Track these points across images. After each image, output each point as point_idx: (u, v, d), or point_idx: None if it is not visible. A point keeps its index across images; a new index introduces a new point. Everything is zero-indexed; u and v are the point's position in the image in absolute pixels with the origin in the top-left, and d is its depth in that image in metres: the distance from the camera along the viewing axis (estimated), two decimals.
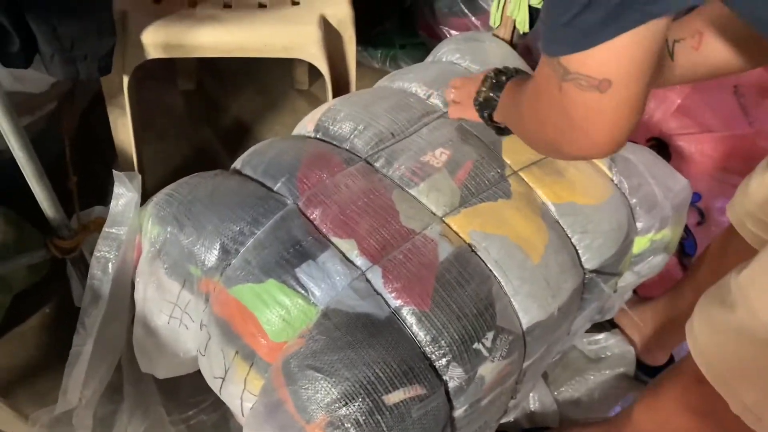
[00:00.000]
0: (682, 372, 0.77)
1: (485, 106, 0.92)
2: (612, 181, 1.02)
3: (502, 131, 0.96)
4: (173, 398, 1.13)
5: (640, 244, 1.04)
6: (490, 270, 0.86)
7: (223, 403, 1.13)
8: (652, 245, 1.05)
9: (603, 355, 1.27)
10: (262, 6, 1.25)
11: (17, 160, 0.88)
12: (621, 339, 1.26)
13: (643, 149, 1.10)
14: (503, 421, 1.10)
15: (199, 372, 0.99)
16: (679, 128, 1.68)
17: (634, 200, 1.02)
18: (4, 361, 1.19)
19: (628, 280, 1.10)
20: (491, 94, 0.90)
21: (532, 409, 1.19)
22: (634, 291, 1.28)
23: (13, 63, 0.92)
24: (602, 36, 0.52)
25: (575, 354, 1.28)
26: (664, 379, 0.85)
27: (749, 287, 0.67)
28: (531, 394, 1.18)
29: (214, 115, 1.70)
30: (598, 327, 1.28)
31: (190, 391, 1.15)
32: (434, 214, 0.90)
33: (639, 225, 1.02)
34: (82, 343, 0.91)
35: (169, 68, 1.71)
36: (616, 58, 0.53)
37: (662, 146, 1.66)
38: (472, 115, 0.95)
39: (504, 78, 0.90)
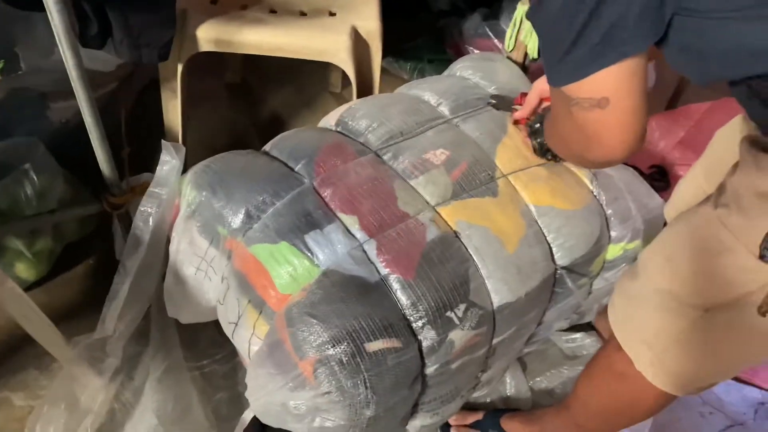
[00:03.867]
0: (609, 343, 0.91)
1: (538, 134, 1.10)
2: (591, 192, 1.16)
3: (556, 158, 1.12)
4: (192, 347, 1.29)
5: (613, 251, 1.17)
6: (470, 254, 1.00)
7: (234, 357, 1.30)
8: (624, 253, 1.17)
9: (579, 353, 1.39)
10: (303, 14, 1.42)
11: (86, 125, 1.05)
12: (596, 339, 1.38)
13: (626, 169, 1.23)
14: (476, 395, 1.23)
15: (215, 327, 1.14)
16: (681, 159, 1.78)
17: (610, 211, 1.15)
18: (52, 300, 1.36)
19: (602, 284, 1.22)
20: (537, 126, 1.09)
21: (508, 394, 1.31)
22: None
23: (91, 44, 1.10)
24: (590, 69, 0.66)
25: (554, 350, 1.40)
26: (597, 352, 0.98)
27: (648, 258, 0.82)
28: (507, 381, 1.31)
29: (253, 108, 1.87)
30: (577, 329, 1.40)
31: (206, 343, 1.31)
32: (428, 203, 1.04)
33: (613, 234, 1.15)
34: (121, 282, 1.08)
35: (218, 63, 1.89)
36: (607, 80, 0.66)
37: (663, 173, 1.77)
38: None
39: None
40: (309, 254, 0.97)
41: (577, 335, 1.39)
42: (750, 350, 0.80)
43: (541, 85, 1.10)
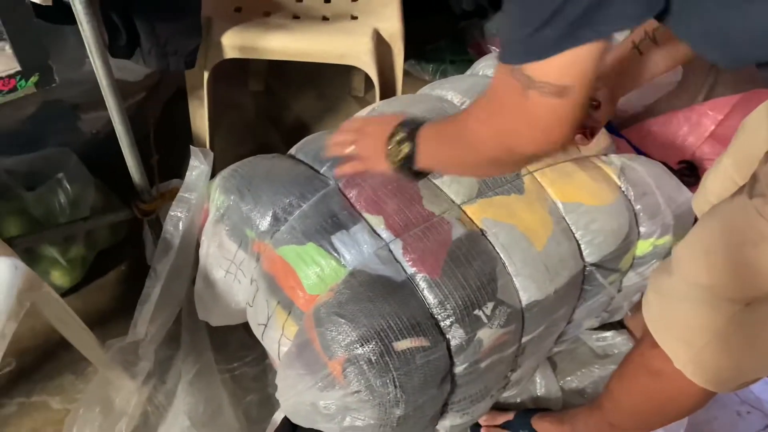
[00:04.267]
0: (643, 340, 0.89)
1: (408, 160, 0.88)
2: (619, 187, 1.14)
3: (418, 176, 0.92)
4: (222, 350, 1.31)
5: (642, 247, 1.15)
6: (497, 252, 1.00)
7: (264, 359, 1.31)
8: (654, 249, 1.16)
9: (609, 352, 1.37)
10: (325, 18, 1.43)
11: (117, 134, 1.08)
12: (627, 338, 1.36)
13: (653, 163, 1.22)
14: (506, 395, 1.22)
15: (245, 330, 1.16)
16: (712, 153, 1.75)
17: (639, 206, 1.13)
18: (86, 306, 1.39)
19: (633, 280, 1.20)
20: (408, 150, 0.88)
21: (538, 394, 1.30)
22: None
23: (120, 54, 1.13)
24: (560, 48, 0.61)
25: (584, 349, 1.39)
26: (631, 350, 0.97)
27: (682, 253, 0.80)
28: (537, 380, 1.30)
29: (277, 114, 1.89)
30: (607, 327, 1.38)
31: (236, 346, 1.33)
32: (453, 201, 1.04)
33: (642, 229, 1.14)
34: (152, 285, 1.10)
35: (242, 71, 1.91)
36: (572, 68, 0.62)
37: (692, 168, 1.74)
38: (381, 167, 0.92)
39: (409, 129, 0.88)
40: (336, 255, 0.97)
41: (608, 334, 1.37)
42: None
43: None
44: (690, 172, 1.71)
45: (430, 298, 0.94)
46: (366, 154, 0.96)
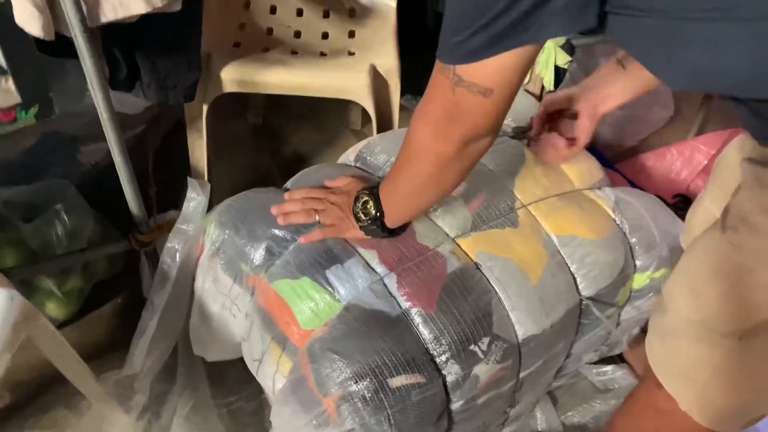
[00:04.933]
0: (648, 378, 0.87)
1: (376, 221, 0.96)
2: (614, 221, 1.15)
3: (392, 233, 1.00)
4: (218, 385, 1.30)
5: (639, 280, 1.15)
6: (492, 285, 1.00)
7: (261, 394, 1.30)
8: (651, 282, 1.15)
9: (611, 386, 1.36)
10: (323, 54, 1.45)
11: (116, 165, 1.09)
12: (628, 372, 1.35)
13: (648, 196, 1.22)
14: (506, 431, 1.20)
15: (241, 365, 1.15)
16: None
17: (634, 239, 1.13)
18: (82, 339, 1.38)
19: (630, 314, 1.20)
20: (374, 210, 0.96)
21: (539, 429, 1.29)
22: (644, 330, 1.38)
23: (120, 87, 1.14)
24: (487, 54, 0.68)
25: (584, 383, 1.37)
26: (636, 387, 0.96)
27: (671, 290, 0.80)
28: (538, 415, 1.28)
29: (276, 147, 1.91)
30: (607, 361, 1.37)
31: (233, 380, 1.32)
32: (447, 235, 1.04)
33: (638, 263, 1.14)
34: (149, 318, 1.09)
35: (241, 105, 1.94)
36: (496, 73, 0.70)
37: (687, 202, 1.74)
38: (351, 233, 1.00)
39: (369, 190, 0.97)
40: (330, 289, 0.97)
41: (608, 368, 1.36)
42: None
43: (549, 97, 1.12)
44: (685, 206, 1.69)
45: (425, 333, 0.93)
46: (335, 221, 1.02)
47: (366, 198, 0.97)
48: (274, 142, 1.92)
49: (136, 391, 1.14)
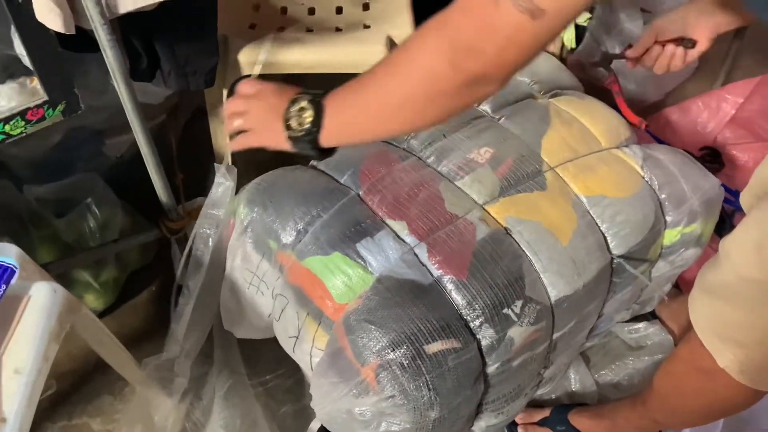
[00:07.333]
0: (691, 338, 0.85)
1: (309, 134, 0.78)
2: (643, 178, 1.13)
3: (322, 154, 0.82)
4: (254, 365, 1.32)
5: (670, 236, 1.14)
6: (523, 250, 1.00)
7: (296, 372, 1.32)
8: (682, 238, 1.14)
9: (643, 344, 1.35)
10: (338, 29, 1.44)
11: (143, 155, 1.10)
12: (660, 328, 1.34)
13: (675, 151, 1.21)
14: (541, 392, 1.22)
15: (274, 345, 1.17)
16: (734, 138, 1.72)
17: (663, 195, 1.12)
18: (120, 327, 1.41)
19: (662, 269, 1.19)
20: (311, 119, 0.78)
21: (573, 389, 1.29)
22: (676, 285, 1.37)
23: (142, 77, 1.15)
24: None
25: (617, 342, 1.37)
26: (677, 347, 0.95)
27: (731, 246, 0.76)
28: (572, 376, 1.29)
29: None
30: (639, 318, 1.37)
31: (268, 360, 1.34)
32: (476, 202, 1.05)
33: (668, 218, 1.12)
34: (185, 303, 1.12)
35: None
36: None
37: (715, 154, 1.71)
38: (276, 142, 0.82)
39: (312, 95, 0.80)
40: (362, 262, 0.98)
41: (640, 325, 1.36)
42: None
43: (661, 23, 1.09)
44: (713, 159, 1.69)
45: (458, 299, 0.94)
46: (258, 126, 0.84)
47: (304, 104, 0.78)
48: None
49: (176, 374, 1.17)
